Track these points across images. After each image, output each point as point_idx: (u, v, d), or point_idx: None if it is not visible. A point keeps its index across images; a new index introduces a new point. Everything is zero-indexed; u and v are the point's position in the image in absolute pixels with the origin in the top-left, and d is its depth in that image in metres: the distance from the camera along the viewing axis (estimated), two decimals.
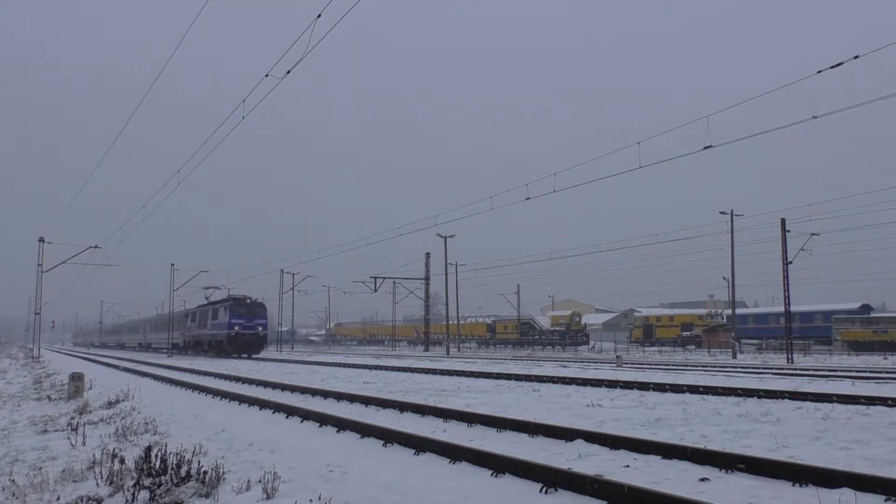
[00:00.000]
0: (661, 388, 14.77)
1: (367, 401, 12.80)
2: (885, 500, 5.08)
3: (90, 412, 12.87)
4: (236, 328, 42.65)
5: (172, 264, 56.31)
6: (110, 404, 13.74)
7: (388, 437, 8.23)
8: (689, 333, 57.98)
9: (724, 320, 56.51)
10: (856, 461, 6.67)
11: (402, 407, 11.62)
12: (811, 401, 12.13)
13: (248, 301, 44.23)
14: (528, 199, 25.39)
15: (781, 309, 39.94)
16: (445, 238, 51.90)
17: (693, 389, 14.24)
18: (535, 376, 18.91)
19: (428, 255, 56.42)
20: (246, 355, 43.17)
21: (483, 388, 16.24)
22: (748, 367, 26.22)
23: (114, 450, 8.01)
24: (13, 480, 7.01)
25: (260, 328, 43.97)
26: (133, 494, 5.92)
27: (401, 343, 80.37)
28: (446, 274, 54.75)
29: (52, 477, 7.01)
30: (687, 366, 27.95)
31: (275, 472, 6.13)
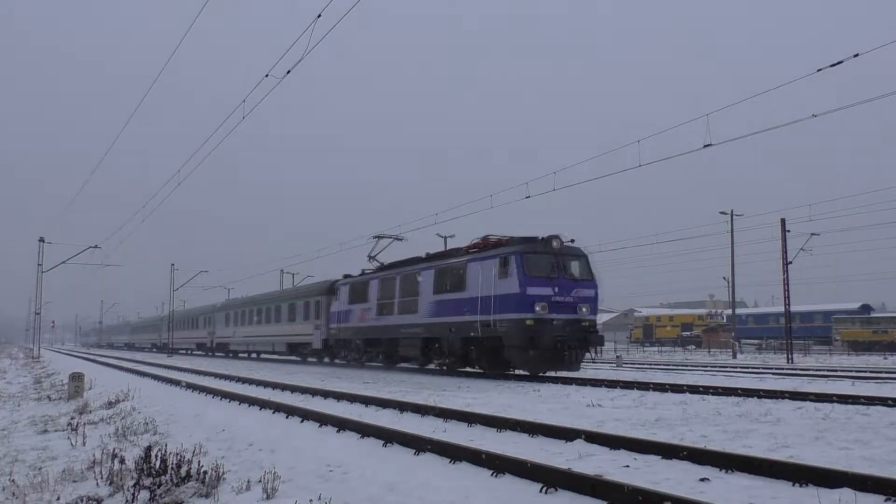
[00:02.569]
0: (661, 387, 14.77)
1: (367, 401, 12.80)
2: (885, 500, 5.08)
3: (90, 412, 12.87)
4: (540, 307, 17.73)
5: (172, 264, 56.11)
6: (110, 404, 13.74)
7: (388, 436, 8.23)
8: (689, 333, 58.06)
9: (724, 320, 56.56)
10: (856, 461, 6.66)
11: (402, 407, 11.62)
12: (811, 401, 12.11)
13: (558, 244, 18.79)
14: (529, 197, 25.31)
15: (781, 309, 39.94)
16: (445, 238, 51.87)
17: (693, 389, 14.24)
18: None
19: None
20: (543, 372, 18.52)
21: (483, 387, 16.24)
22: (748, 367, 26.23)
23: (114, 450, 8.01)
24: (13, 480, 7.01)
25: (585, 308, 18.61)
26: (133, 494, 5.92)
27: None
28: None
29: (52, 477, 7.01)
30: (687, 366, 27.96)
31: (275, 472, 6.13)
